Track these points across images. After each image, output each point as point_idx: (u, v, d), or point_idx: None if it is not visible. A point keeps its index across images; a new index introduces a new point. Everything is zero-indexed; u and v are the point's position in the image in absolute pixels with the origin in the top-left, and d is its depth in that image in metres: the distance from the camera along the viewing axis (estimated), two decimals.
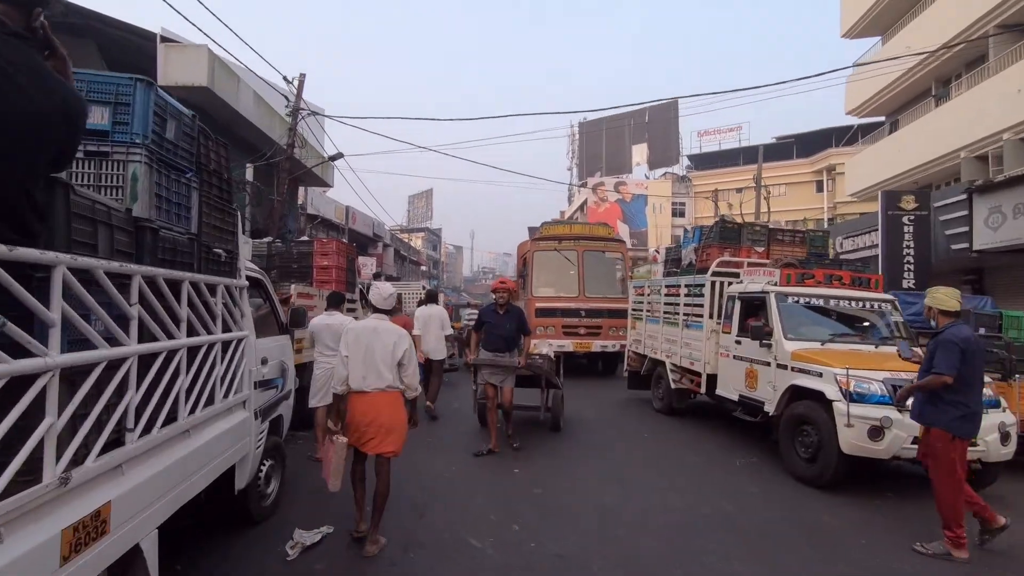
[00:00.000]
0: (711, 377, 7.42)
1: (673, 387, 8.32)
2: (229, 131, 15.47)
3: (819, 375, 5.40)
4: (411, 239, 49.58)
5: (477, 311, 14.65)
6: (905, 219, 13.08)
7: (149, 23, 13.64)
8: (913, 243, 13.01)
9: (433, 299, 9.17)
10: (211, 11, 9.01)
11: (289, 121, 14.67)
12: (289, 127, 14.54)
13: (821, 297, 6.39)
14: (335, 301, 6.39)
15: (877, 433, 4.90)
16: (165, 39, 13.47)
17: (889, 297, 6.59)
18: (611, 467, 5.91)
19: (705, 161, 44.56)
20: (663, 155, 44.92)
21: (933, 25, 16.43)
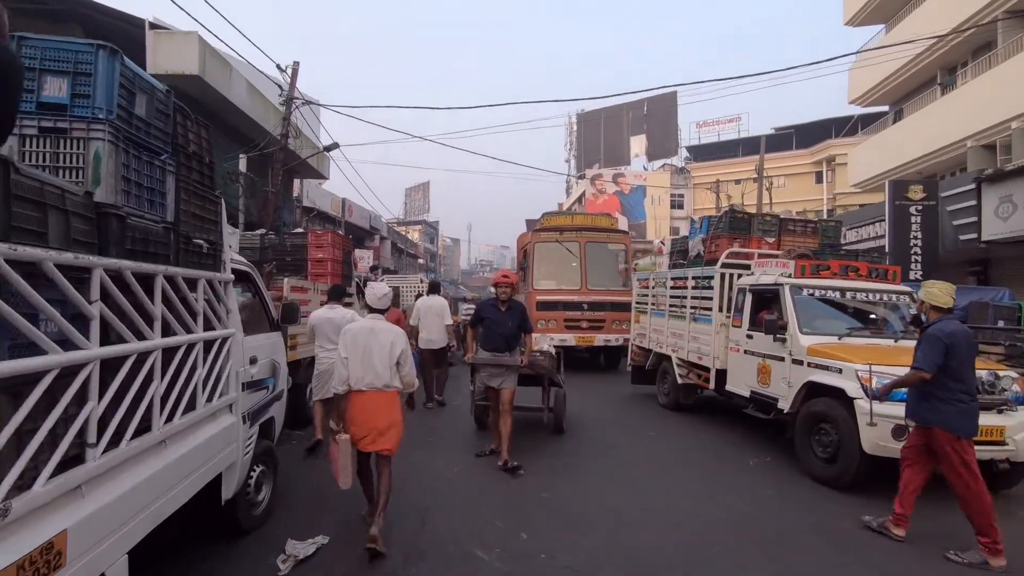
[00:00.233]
0: (720, 372, 7.19)
1: (680, 382, 8.08)
2: (221, 121, 15.13)
3: (839, 371, 5.15)
4: (408, 232, 49.24)
5: (474, 305, 14.39)
6: (913, 209, 12.86)
7: (138, 9, 13.21)
8: (921, 233, 12.79)
9: (436, 290, 9.26)
10: None
11: (283, 111, 14.31)
12: (283, 117, 14.18)
13: (837, 289, 6.13)
14: (336, 294, 6.34)
15: (901, 432, 4.65)
16: (154, 26, 13.10)
17: (907, 289, 6.34)
18: (618, 467, 5.67)
19: (704, 152, 44.25)
20: (662, 146, 44.59)
21: (938, 12, 16.11)
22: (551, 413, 6.74)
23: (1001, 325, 7.16)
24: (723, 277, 7.25)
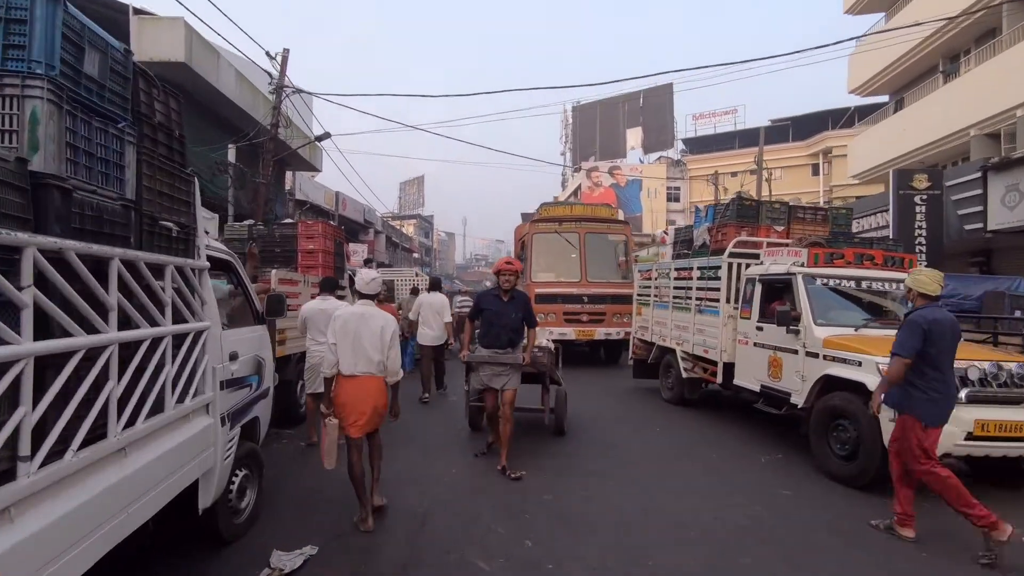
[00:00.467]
0: (728, 366, 6.92)
1: (684, 377, 7.82)
2: (209, 110, 14.74)
3: (858, 364, 4.88)
4: (403, 226, 48.79)
5: (468, 297, 13.98)
6: (917, 199, 12.59)
7: None
8: (925, 223, 12.53)
9: (437, 287, 9.15)
10: None
11: (273, 100, 13.92)
12: (273, 106, 13.79)
13: (852, 278, 5.86)
14: (328, 286, 6.12)
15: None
16: (138, 11, 12.68)
17: None
18: (623, 467, 5.39)
19: (700, 145, 43.96)
20: (658, 139, 44.25)
21: None
22: (552, 414, 6.29)
23: (1018, 315, 6.92)
24: (731, 267, 6.97)
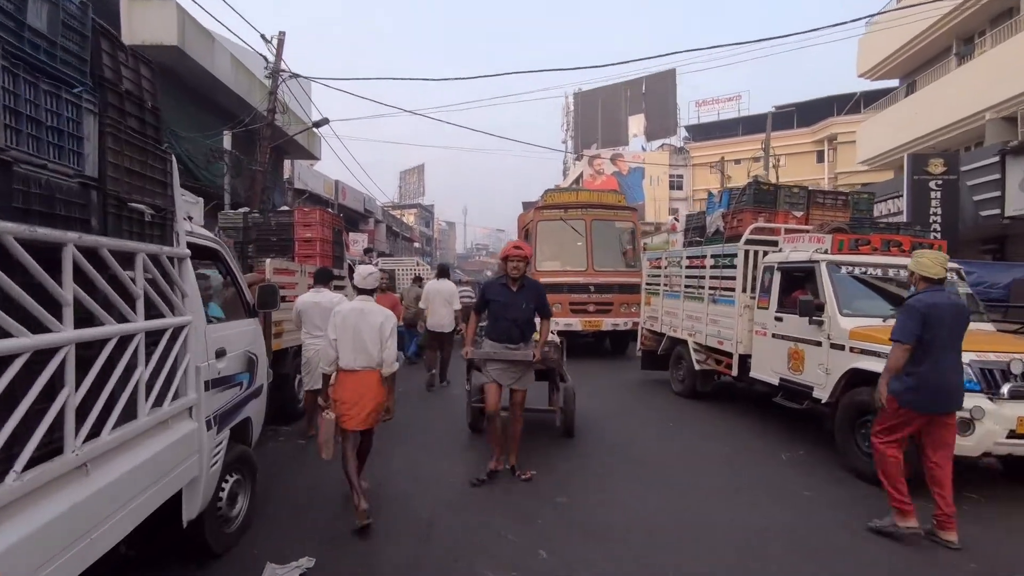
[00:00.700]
0: (743, 358, 6.63)
1: (697, 368, 7.54)
2: (204, 96, 14.36)
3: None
4: (404, 215, 48.38)
5: (469, 287, 13.62)
6: (932, 184, 12.24)
7: None
8: (941, 209, 12.19)
9: (445, 274, 9.12)
10: None
11: (269, 85, 13.53)
12: (269, 91, 13.41)
13: (879, 266, 5.55)
14: (322, 277, 5.83)
15: (966, 427, 4.14)
16: None
17: (954, 265, 5.76)
18: (639, 466, 5.12)
19: (703, 132, 43.43)
20: (661, 126, 43.69)
21: None
22: (562, 414, 5.76)
23: None
24: (747, 254, 6.66)
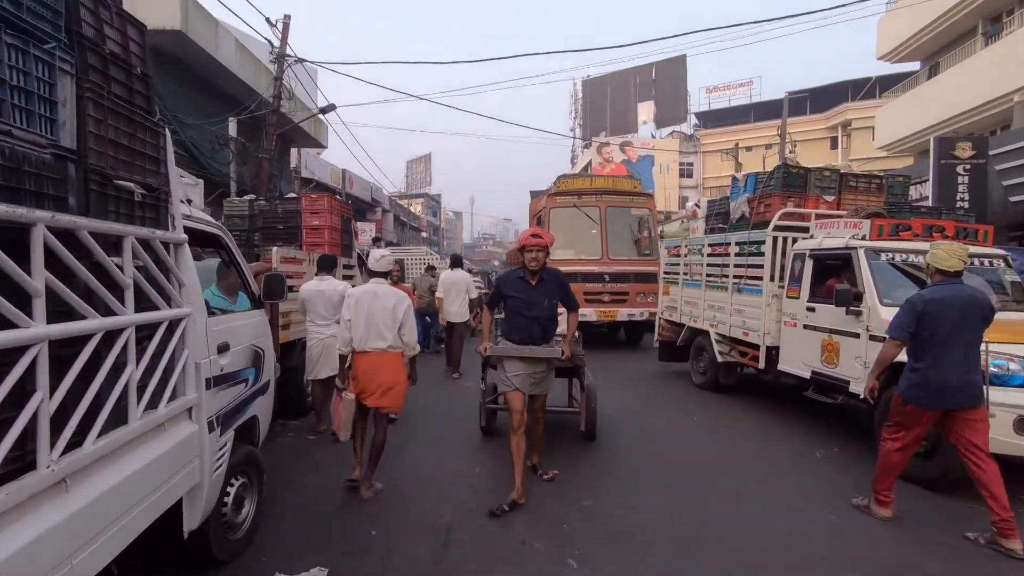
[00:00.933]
0: (770, 349, 6.33)
1: (719, 360, 7.25)
2: (208, 82, 14.09)
3: None
4: (411, 205, 48.10)
5: (479, 278, 13.30)
6: (960, 168, 11.80)
7: None
8: (968, 195, 11.76)
9: (458, 264, 9.17)
10: None
11: (274, 70, 13.23)
12: (274, 76, 13.11)
13: (922, 253, 5.21)
14: (326, 264, 5.63)
15: (1022, 425, 3.84)
16: None
17: (1001, 252, 5.43)
18: (666, 466, 4.85)
19: (713, 119, 42.75)
20: (671, 113, 43.05)
21: None
22: (586, 416, 5.27)
23: None
24: (775, 241, 6.33)
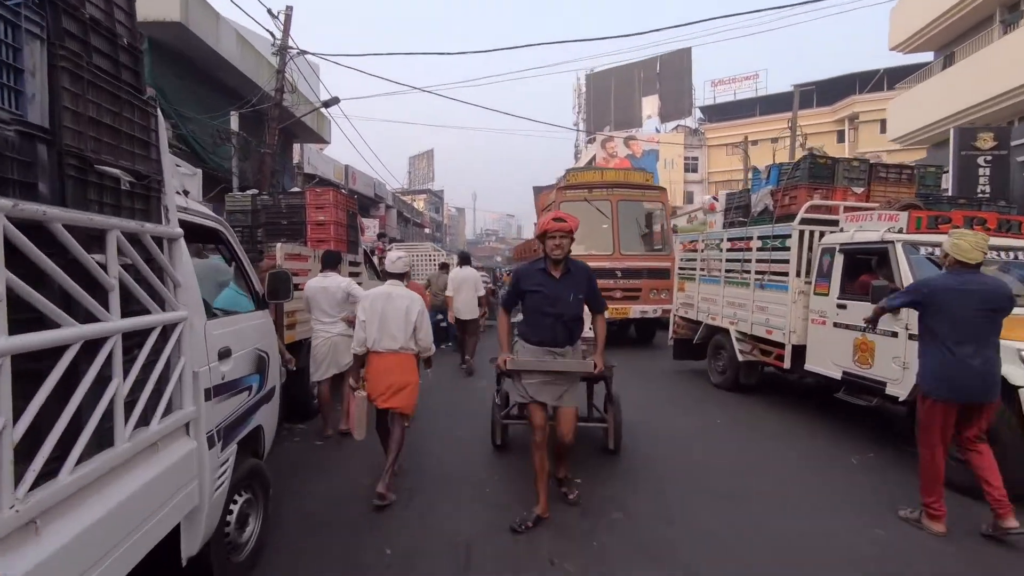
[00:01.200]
0: (796, 348, 6.06)
1: (740, 359, 6.98)
2: (209, 75, 13.82)
3: None
4: (414, 200, 47.84)
5: (485, 274, 12.90)
6: (981, 159, 11.51)
7: None
8: (989, 186, 11.47)
9: (466, 261, 9.15)
10: None
11: (276, 63, 12.96)
12: (277, 69, 12.84)
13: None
14: (330, 261, 5.42)
15: None
16: None
17: None
18: (693, 471, 4.59)
19: (719, 113, 42.36)
20: (675, 107, 42.70)
21: None
22: (613, 429, 4.82)
23: None
24: (802, 235, 6.05)
